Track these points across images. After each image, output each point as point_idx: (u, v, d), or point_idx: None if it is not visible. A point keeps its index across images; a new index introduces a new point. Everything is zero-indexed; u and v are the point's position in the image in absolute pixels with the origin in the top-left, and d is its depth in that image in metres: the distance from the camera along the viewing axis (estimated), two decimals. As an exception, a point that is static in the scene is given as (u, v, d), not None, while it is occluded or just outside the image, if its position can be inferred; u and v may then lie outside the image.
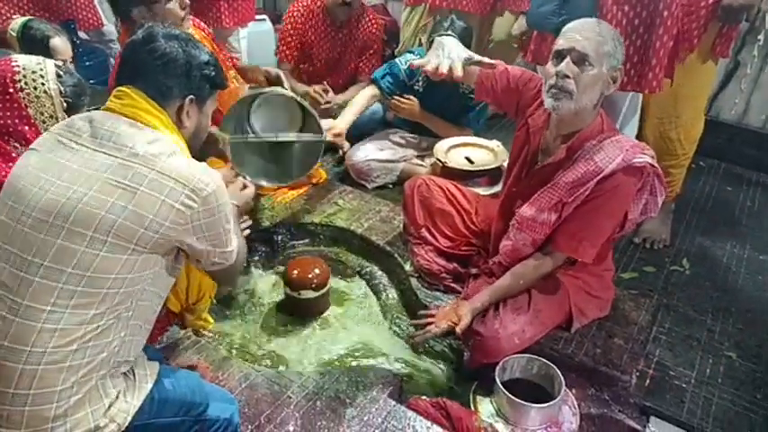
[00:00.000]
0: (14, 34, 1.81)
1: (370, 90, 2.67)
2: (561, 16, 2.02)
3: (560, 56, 1.55)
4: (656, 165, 1.60)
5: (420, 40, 3.35)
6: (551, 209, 1.60)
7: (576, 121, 1.61)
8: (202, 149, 1.51)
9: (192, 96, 1.24)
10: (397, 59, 2.73)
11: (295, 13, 3.00)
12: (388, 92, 2.67)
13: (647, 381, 1.70)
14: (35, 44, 1.82)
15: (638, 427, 1.60)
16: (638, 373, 1.71)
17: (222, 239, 1.22)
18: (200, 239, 1.17)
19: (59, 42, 1.82)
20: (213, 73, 1.27)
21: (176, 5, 2.09)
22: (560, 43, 1.56)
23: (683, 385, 1.70)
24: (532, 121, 1.74)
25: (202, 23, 2.39)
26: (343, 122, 2.53)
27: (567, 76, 1.52)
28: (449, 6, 3.08)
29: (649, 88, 1.93)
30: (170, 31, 1.23)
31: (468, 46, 2.52)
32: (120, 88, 1.20)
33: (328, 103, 2.94)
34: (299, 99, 2.14)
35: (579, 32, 1.53)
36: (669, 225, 2.40)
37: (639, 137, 2.22)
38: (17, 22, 1.89)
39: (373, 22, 3.09)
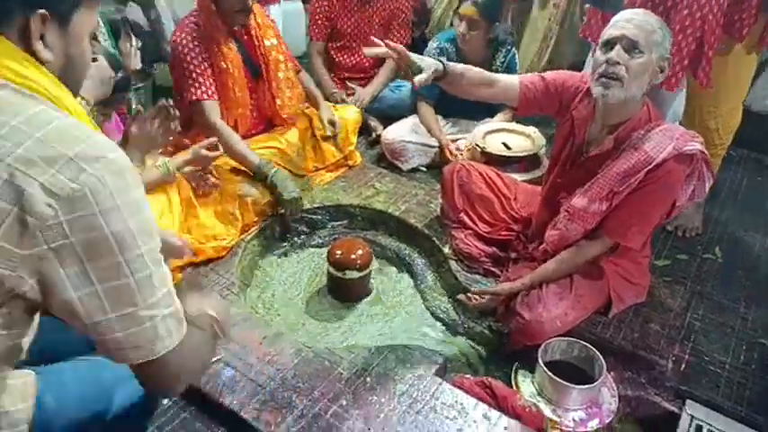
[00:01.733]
0: None
1: (425, 108, 2.77)
2: None
3: (610, 44, 1.58)
4: (706, 151, 1.63)
5: (451, 21, 3.35)
6: (603, 198, 1.64)
7: (624, 110, 1.64)
8: None
9: (42, 11, 0.79)
10: (425, 51, 2.75)
11: None
12: (431, 95, 2.72)
13: (683, 365, 1.75)
14: None
15: (675, 409, 1.66)
16: (674, 358, 1.77)
17: (127, 286, 0.75)
18: (73, 279, 0.72)
19: None
20: None
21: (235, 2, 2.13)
22: (610, 32, 1.59)
23: (718, 370, 1.75)
24: (577, 112, 1.77)
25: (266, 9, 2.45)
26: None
27: (618, 63, 1.55)
28: None
29: (666, 84, 1.96)
30: None
31: (497, 13, 2.55)
32: None
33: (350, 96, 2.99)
34: None
35: (629, 21, 1.56)
36: (702, 214, 2.43)
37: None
38: None
39: None
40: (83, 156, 0.71)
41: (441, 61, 1.67)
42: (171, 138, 1.93)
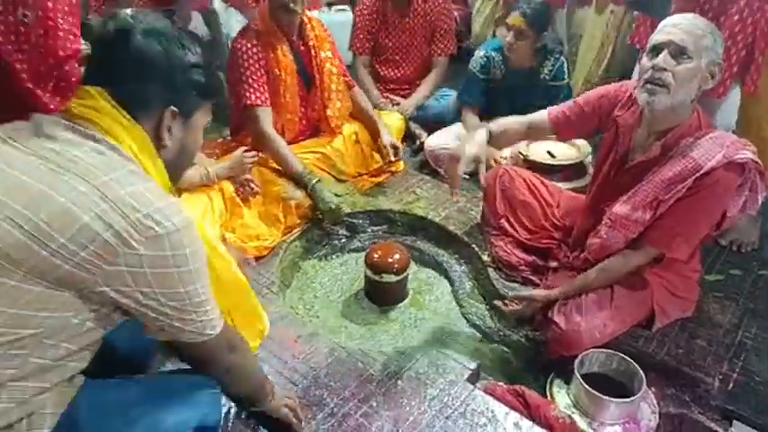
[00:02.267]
0: None
1: (470, 116, 2.79)
2: None
3: (657, 50, 1.53)
4: (759, 161, 1.56)
5: (494, 31, 3.34)
6: (646, 206, 1.59)
7: (672, 117, 1.59)
8: None
9: (173, 108, 1.00)
10: (470, 66, 2.77)
11: (362, 6, 3.08)
12: (477, 103, 2.77)
13: (731, 384, 1.67)
14: None
15: (720, 430, 1.58)
16: (721, 377, 1.69)
17: (186, 300, 0.96)
18: (145, 295, 0.92)
19: None
20: (202, 79, 1.03)
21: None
22: (657, 38, 1.54)
23: (770, 392, 1.66)
24: (622, 120, 1.72)
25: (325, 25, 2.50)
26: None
27: (665, 69, 1.50)
28: None
29: (716, 93, 1.90)
30: (150, 25, 0.98)
31: (546, 23, 2.53)
32: (84, 87, 0.97)
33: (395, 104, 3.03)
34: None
35: (677, 26, 1.51)
36: (759, 228, 2.31)
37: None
38: None
39: (439, 3, 3.07)
40: (166, 209, 0.92)
41: (490, 131, 1.81)
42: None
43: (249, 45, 2.27)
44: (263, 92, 2.29)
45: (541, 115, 1.85)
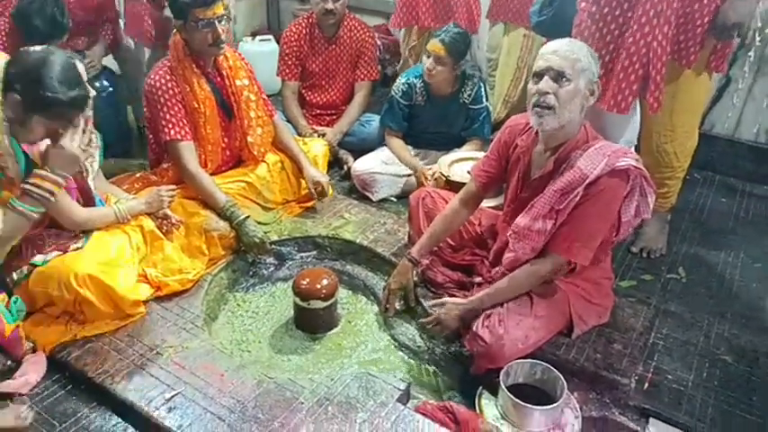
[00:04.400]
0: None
1: (393, 139, 2.88)
2: (542, 16, 2.15)
3: (539, 76, 1.67)
4: (641, 166, 1.68)
5: (410, 61, 3.45)
6: (545, 216, 1.69)
7: (562, 134, 1.71)
8: None
9: None
10: (392, 92, 2.85)
11: (290, 33, 3.15)
12: (399, 128, 2.86)
13: (646, 384, 1.76)
14: None
15: (638, 429, 1.66)
16: (637, 377, 1.77)
17: None
18: None
19: (80, 65, 1.88)
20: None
21: (208, 35, 2.19)
22: (538, 64, 1.67)
23: (681, 388, 1.75)
24: (521, 141, 1.85)
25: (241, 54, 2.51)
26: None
27: (548, 93, 1.63)
28: (437, 26, 3.20)
29: (615, 107, 2.05)
30: None
31: (464, 50, 2.64)
32: None
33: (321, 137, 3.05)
34: None
35: (555, 52, 1.65)
36: (666, 235, 2.47)
37: (637, 149, 2.30)
38: None
39: (362, 29, 3.18)
40: None
41: (411, 260, 2.01)
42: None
43: (163, 81, 2.24)
44: (182, 126, 2.26)
45: (469, 186, 1.99)
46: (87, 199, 1.98)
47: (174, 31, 2.29)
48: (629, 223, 1.75)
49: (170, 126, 2.24)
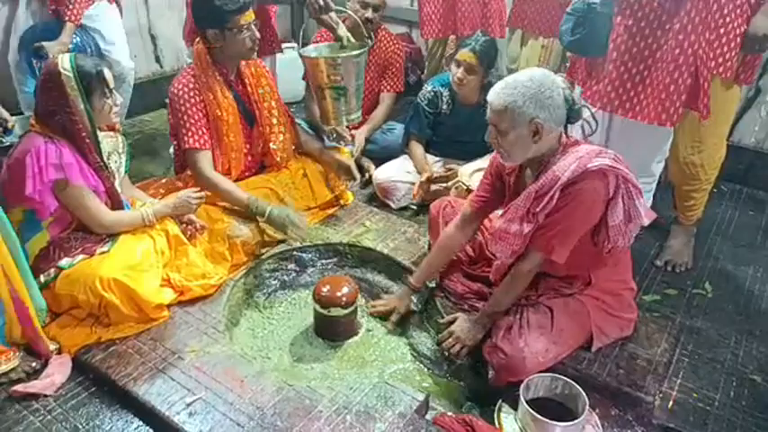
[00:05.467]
0: (69, 73, 1.82)
1: (416, 146, 2.88)
2: (575, 35, 2.13)
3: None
4: (619, 166, 1.65)
5: (444, 69, 3.46)
6: (521, 219, 1.70)
7: (537, 158, 1.72)
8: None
9: None
10: (418, 99, 2.85)
11: (321, 39, 3.14)
12: (423, 135, 2.87)
13: (671, 402, 1.73)
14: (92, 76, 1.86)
15: (662, 448, 1.63)
16: (661, 395, 1.74)
17: None
18: None
19: (108, 71, 1.92)
20: None
21: (247, 39, 2.25)
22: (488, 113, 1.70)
23: (707, 408, 1.72)
24: (509, 167, 1.87)
25: (262, 62, 2.56)
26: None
27: (496, 142, 1.71)
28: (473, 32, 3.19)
29: (658, 120, 2.02)
30: None
31: (493, 58, 2.64)
32: None
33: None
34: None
35: (491, 106, 1.68)
36: (691, 249, 2.43)
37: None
38: (64, 59, 1.85)
39: (392, 41, 3.21)
40: None
41: (408, 285, 2.07)
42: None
43: (186, 89, 2.28)
44: (201, 135, 2.30)
45: (465, 210, 2.00)
46: (115, 202, 2.02)
47: (197, 39, 2.33)
48: (620, 229, 1.71)
49: (190, 134, 2.28)
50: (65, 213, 1.92)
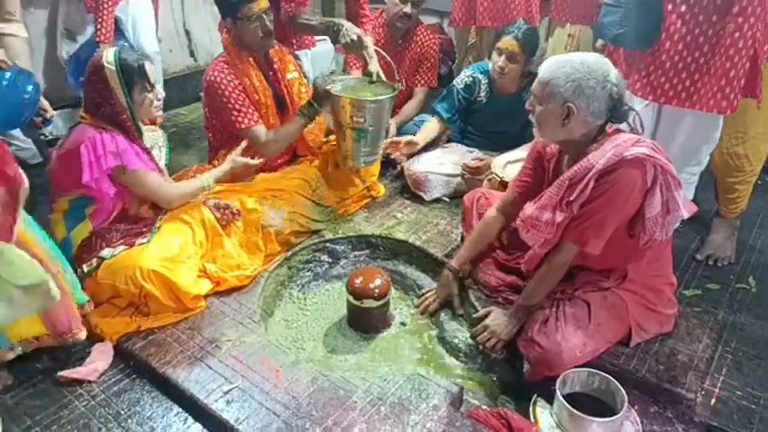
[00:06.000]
0: (112, 66, 1.87)
1: (433, 122, 2.87)
2: (623, 27, 2.06)
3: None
4: (657, 155, 1.59)
5: (470, 58, 3.43)
6: (554, 207, 1.67)
7: (573, 144, 1.69)
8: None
9: None
10: (454, 82, 2.82)
11: (350, 69, 3.11)
12: (447, 119, 2.83)
13: (713, 400, 1.68)
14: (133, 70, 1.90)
15: (704, 447, 1.59)
16: (703, 392, 1.70)
17: None
18: None
19: (149, 66, 1.96)
20: None
21: (258, 29, 2.30)
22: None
23: (752, 406, 1.66)
24: (550, 149, 1.86)
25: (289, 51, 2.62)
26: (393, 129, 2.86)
27: (531, 111, 1.70)
28: (495, 25, 3.16)
29: (717, 108, 1.94)
30: None
31: (536, 45, 2.59)
32: None
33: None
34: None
35: (538, 77, 1.66)
36: (734, 242, 2.35)
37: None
38: (109, 53, 1.90)
39: (428, 36, 3.18)
40: None
41: (452, 270, 2.06)
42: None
43: (223, 75, 2.34)
44: (252, 113, 2.37)
45: (507, 195, 2.00)
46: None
47: (224, 30, 2.39)
48: (657, 221, 1.65)
49: (241, 115, 2.35)
50: (117, 201, 1.99)
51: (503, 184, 2.41)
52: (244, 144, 2.27)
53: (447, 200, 2.75)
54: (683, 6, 1.93)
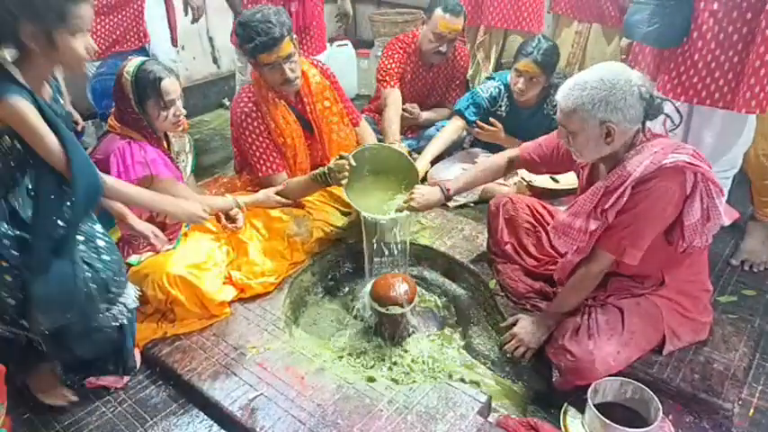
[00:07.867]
0: (129, 77, 1.87)
1: (455, 122, 2.85)
2: (652, 25, 2.01)
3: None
4: (698, 162, 1.53)
5: (476, 57, 3.40)
6: (588, 215, 1.63)
7: (611, 157, 1.64)
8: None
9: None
10: (477, 88, 2.80)
11: (397, 47, 3.09)
12: (472, 121, 2.80)
13: (752, 410, 1.62)
14: (147, 84, 1.87)
15: (743, 459, 1.53)
16: (740, 402, 1.64)
17: None
18: None
19: (168, 83, 1.93)
20: None
21: (277, 75, 2.20)
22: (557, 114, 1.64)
23: (793, 417, 1.60)
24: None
25: (324, 66, 2.51)
26: (422, 163, 2.73)
27: (568, 141, 1.65)
28: (503, 26, 3.13)
29: (746, 108, 1.87)
30: None
31: (555, 62, 2.55)
32: None
33: (414, 117, 3.11)
34: (404, 154, 2.34)
35: (560, 106, 1.60)
36: (770, 246, 2.28)
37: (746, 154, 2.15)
38: (132, 64, 1.90)
39: (461, 56, 3.18)
40: None
41: (442, 190, 2.07)
42: None
43: (250, 119, 2.28)
44: (272, 161, 2.33)
45: (516, 152, 2.03)
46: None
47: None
48: (696, 228, 1.60)
49: (261, 163, 2.33)
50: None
51: (530, 189, 2.38)
52: (280, 188, 2.28)
53: (472, 205, 2.72)
54: (714, 3, 1.88)
